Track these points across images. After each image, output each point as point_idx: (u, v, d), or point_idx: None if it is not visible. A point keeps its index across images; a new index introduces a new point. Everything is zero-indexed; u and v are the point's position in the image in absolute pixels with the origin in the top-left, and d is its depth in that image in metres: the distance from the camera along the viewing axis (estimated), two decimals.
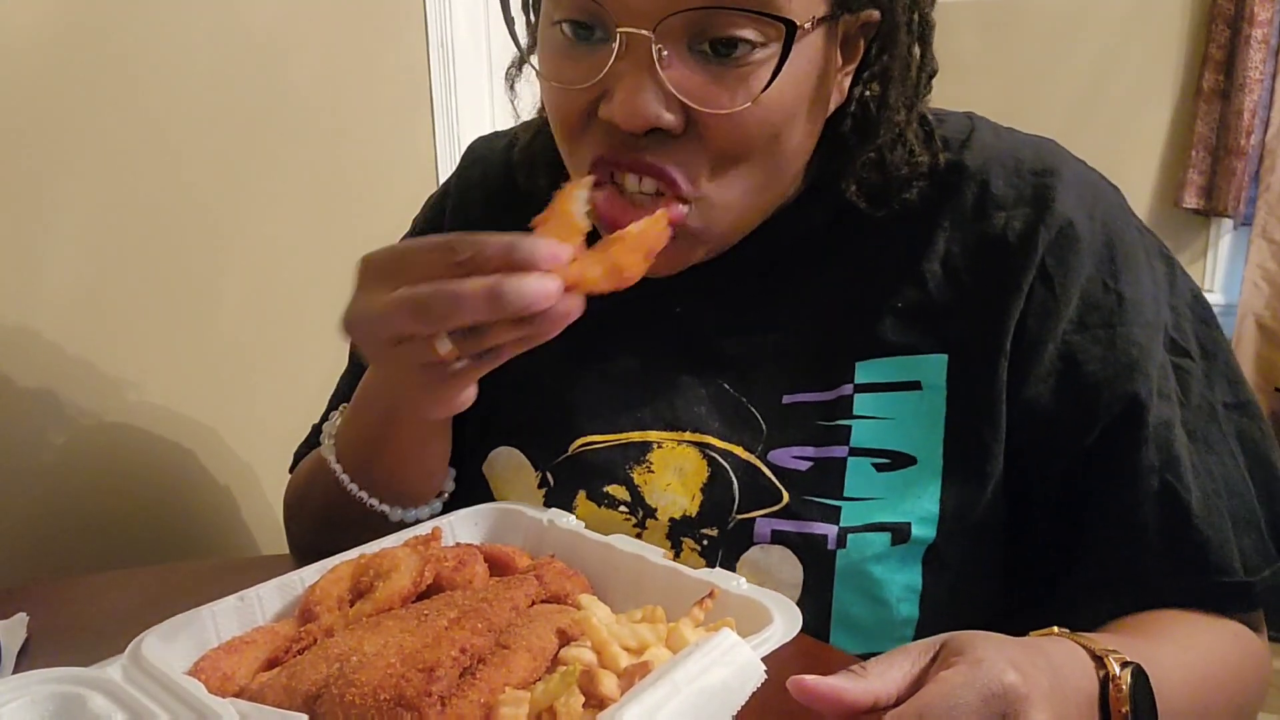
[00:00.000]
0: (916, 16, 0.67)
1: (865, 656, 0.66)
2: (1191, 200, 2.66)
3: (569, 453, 0.75)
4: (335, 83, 1.30)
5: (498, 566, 0.66)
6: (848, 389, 0.69)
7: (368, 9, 1.35)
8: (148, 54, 1.07)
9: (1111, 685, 0.51)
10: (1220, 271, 2.79)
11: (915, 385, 0.69)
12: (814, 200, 0.72)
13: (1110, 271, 0.68)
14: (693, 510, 0.71)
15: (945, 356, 0.68)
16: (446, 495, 0.79)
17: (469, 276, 0.53)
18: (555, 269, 0.54)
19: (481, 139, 0.90)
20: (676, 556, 0.71)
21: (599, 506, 0.73)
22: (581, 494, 0.74)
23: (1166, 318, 0.70)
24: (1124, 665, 0.52)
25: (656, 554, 0.65)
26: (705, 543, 0.70)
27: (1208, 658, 0.63)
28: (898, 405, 0.69)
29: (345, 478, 0.75)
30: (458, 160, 0.90)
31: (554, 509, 0.74)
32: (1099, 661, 0.52)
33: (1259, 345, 2.68)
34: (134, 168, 1.07)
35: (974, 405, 0.68)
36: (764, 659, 0.51)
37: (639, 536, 0.71)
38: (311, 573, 0.65)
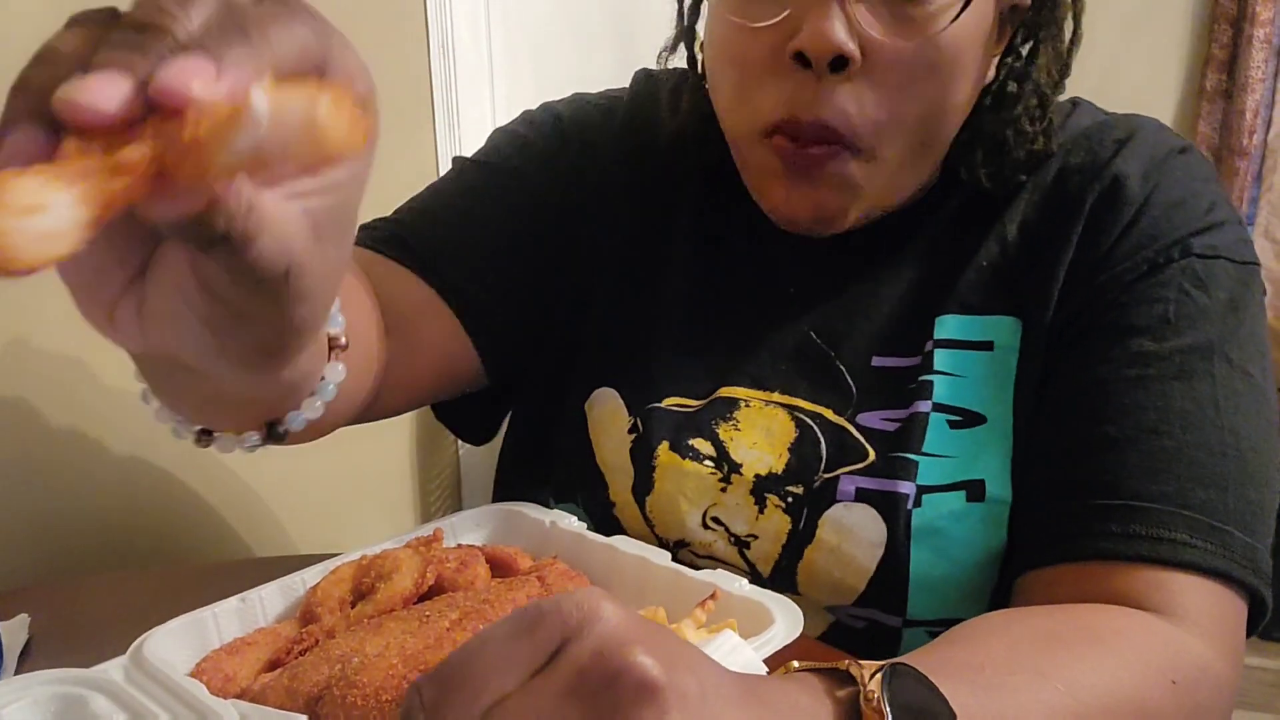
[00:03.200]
0: (1070, 17, 0.69)
1: (943, 622, 0.66)
2: None
3: (661, 404, 0.75)
4: None
5: (500, 568, 0.66)
6: (930, 345, 0.70)
7: (367, 8, 1.35)
8: None
9: (864, 700, 0.40)
10: None
11: (988, 345, 0.69)
12: (947, 193, 0.73)
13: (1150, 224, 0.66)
14: (779, 468, 0.71)
15: (1019, 321, 0.69)
16: (334, 384, 0.53)
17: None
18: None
19: (646, 73, 0.86)
20: (760, 513, 0.71)
21: (682, 458, 0.72)
22: (665, 444, 0.73)
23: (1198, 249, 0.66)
24: (875, 673, 0.41)
25: (659, 555, 0.65)
26: (790, 500, 0.70)
27: (1092, 693, 0.49)
28: (970, 364, 0.69)
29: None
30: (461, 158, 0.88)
31: (556, 510, 0.74)
32: (841, 677, 0.42)
33: None
34: None
35: (1041, 369, 0.68)
36: (766, 660, 0.51)
37: (723, 491, 0.71)
38: (313, 574, 0.65)
